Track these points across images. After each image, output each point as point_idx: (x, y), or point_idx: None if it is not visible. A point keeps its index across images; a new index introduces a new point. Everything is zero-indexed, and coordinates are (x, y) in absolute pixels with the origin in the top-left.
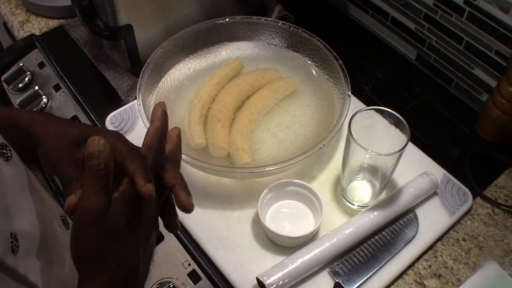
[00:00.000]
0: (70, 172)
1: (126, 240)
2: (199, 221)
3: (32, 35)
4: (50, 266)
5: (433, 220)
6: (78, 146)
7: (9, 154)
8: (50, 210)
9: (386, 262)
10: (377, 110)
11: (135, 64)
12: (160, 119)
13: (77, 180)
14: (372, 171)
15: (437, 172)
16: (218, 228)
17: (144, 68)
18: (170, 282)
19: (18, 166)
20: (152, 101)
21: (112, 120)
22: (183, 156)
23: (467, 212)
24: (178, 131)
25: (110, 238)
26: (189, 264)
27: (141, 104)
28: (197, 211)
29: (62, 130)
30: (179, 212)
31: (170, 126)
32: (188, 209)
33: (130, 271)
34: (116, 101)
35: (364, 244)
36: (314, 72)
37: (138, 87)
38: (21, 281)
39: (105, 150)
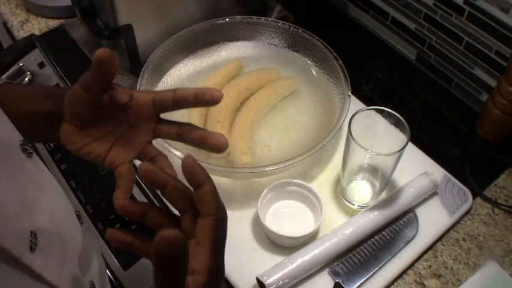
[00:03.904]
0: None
1: None
2: None
3: (32, 35)
4: (63, 262)
5: (433, 220)
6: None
7: (31, 151)
8: (65, 206)
9: (386, 262)
10: (377, 110)
11: (135, 64)
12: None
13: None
14: (372, 171)
15: (437, 172)
16: None
17: (144, 68)
18: None
19: (38, 163)
20: None
21: None
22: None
23: (467, 212)
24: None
25: None
26: None
27: None
28: None
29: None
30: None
31: None
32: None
33: None
34: None
35: (364, 244)
36: (314, 72)
37: (138, 87)
38: (37, 279)
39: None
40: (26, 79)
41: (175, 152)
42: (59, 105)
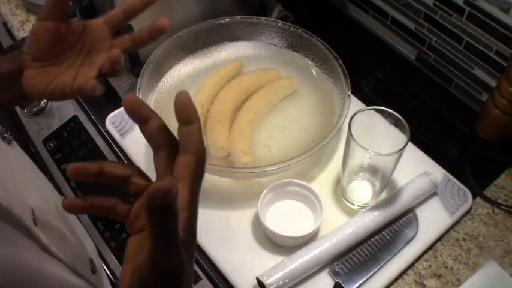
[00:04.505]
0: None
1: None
2: (199, 221)
3: None
4: (63, 238)
5: (433, 220)
6: None
7: (10, 138)
8: (51, 190)
9: (386, 262)
10: (377, 110)
11: (135, 64)
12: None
13: None
14: (372, 171)
15: (437, 172)
16: (218, 228)
17: (144, 68)
18: None
19: (19, 149)
20: (152, 101)
21: (112, 120)
22: None
23: (467, 212)
24: None
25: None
26: None
27: None
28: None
29: None
30: None
31: (169, 127)
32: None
33: None
34: (116, 101)
35: (364, 244)
36: (314, 72)
37: (138, 87)
38: (44, 250)
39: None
40: None
41: None
42: (16, 62)
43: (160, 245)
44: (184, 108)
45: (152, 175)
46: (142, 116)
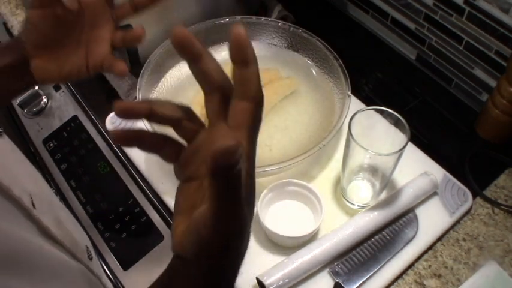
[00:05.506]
0: None
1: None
2: None
3: None
4: (59, 223)
5: (433, 220)
6: None
7: (1, 130)
8: (43, 181)
9: (386, 262)
10: (377, 110)
11: (135, 64)
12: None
13: None
14: (372, 171)
15: (437, 172)
16: None
17: (144, 68)
18: None
19: (9, 141)
20: None
21: (112, 120)
22: None
23: (467, 212)
24: None
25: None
26: None
27: None
28: None
29: None
30: None
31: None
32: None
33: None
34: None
35: (364, 244)
36: (314, 72)
37: (138, 87)
38: (45, 234)
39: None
40: None
41: None
42: (15, 54)
43: (224, 208)
44: (241, 46)
45: (152, 176)
46: (193, 53)
